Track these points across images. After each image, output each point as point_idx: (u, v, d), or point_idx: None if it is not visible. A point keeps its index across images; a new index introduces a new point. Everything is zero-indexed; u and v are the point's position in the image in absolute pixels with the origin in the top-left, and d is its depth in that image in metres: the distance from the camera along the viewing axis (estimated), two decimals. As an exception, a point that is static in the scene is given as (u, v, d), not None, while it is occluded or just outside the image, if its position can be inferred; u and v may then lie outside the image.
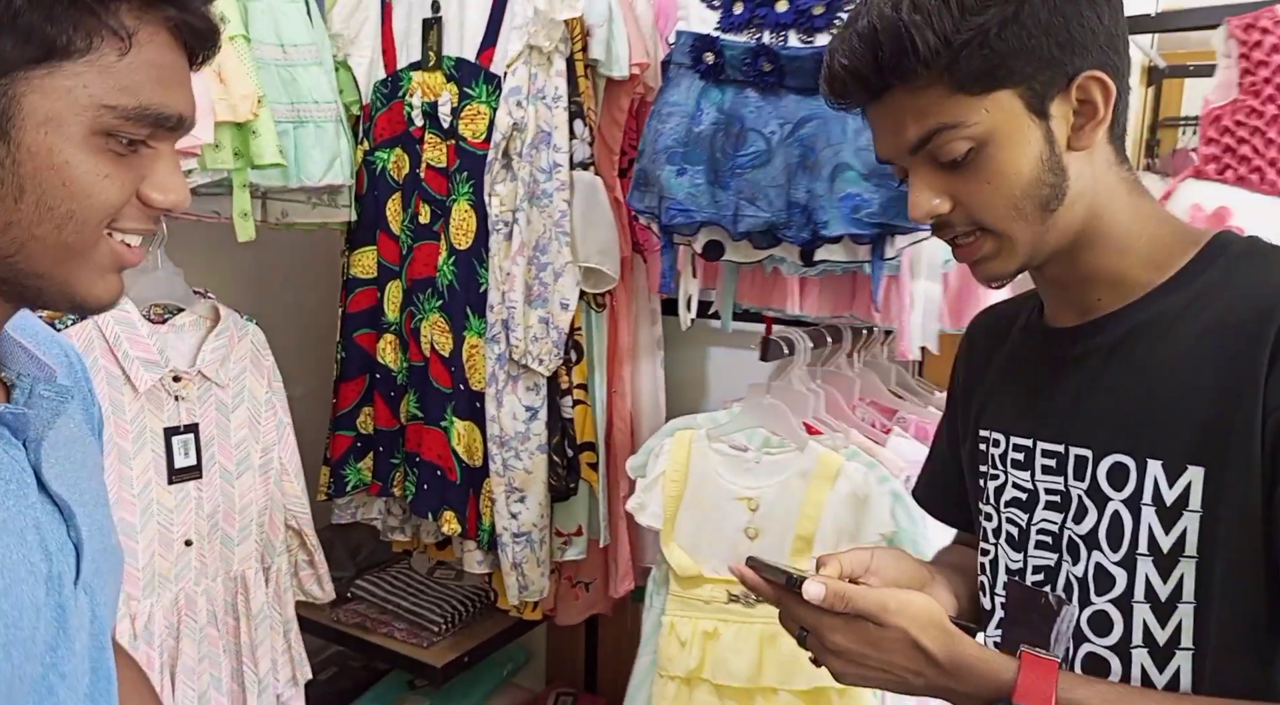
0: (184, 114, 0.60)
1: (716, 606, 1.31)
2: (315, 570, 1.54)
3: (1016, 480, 0.78)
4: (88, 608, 0.66)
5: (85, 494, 0.68)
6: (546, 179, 1.43)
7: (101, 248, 0.58)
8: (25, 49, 0.53)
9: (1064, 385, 0.75)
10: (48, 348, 0.72)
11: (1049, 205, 0.69)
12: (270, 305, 1.83)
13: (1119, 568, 0.69)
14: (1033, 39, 0.66)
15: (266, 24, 1.41)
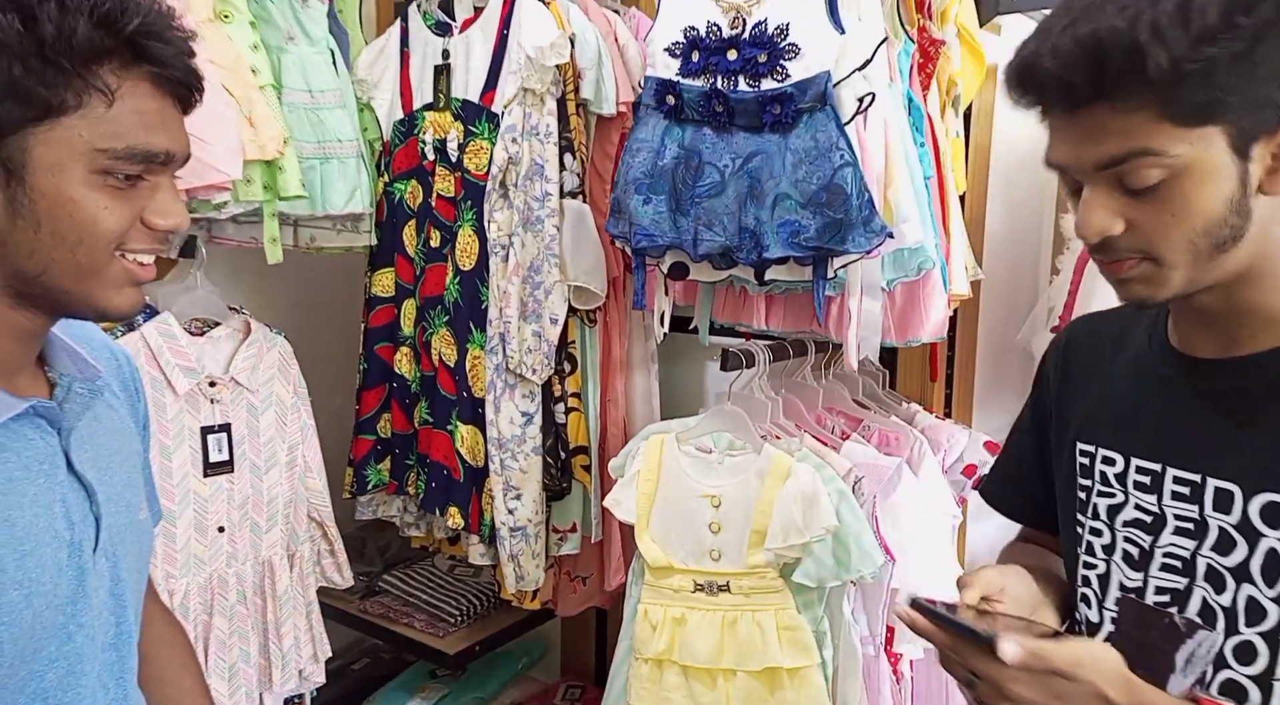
0: (170, 150, 0.70)
1: (684, 595, 1.43)
2: (335, 558, 1.71)
3: (1140, 502, 0.79)
4: (107, 571, 0.78)
5: (114, 476, 0.80)
6: (539, 206, 1.59)
7: (114, 267, 0.70)
8: (27, 110, 0.64)
9: (1204, 416, 0.75)
10: (99, 352, 0.85)
11: (1224, 246, 0.68)
12: (301, 321, 2.03)
13: (1274, 603, 0.71)
14: (1258, 79, 0.63)
15: (297, 73, 1.61)
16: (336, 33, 1.70)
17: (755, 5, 1.31)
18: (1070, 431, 0.86)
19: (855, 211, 1.21)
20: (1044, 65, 0.66)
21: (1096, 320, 0.93)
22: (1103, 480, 0.82)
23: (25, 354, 0.74)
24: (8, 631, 0.68)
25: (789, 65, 1.28)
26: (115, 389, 0.87)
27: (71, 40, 0.63)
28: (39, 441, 0.72)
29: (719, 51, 1.32)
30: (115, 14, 0.65)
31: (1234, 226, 0.68)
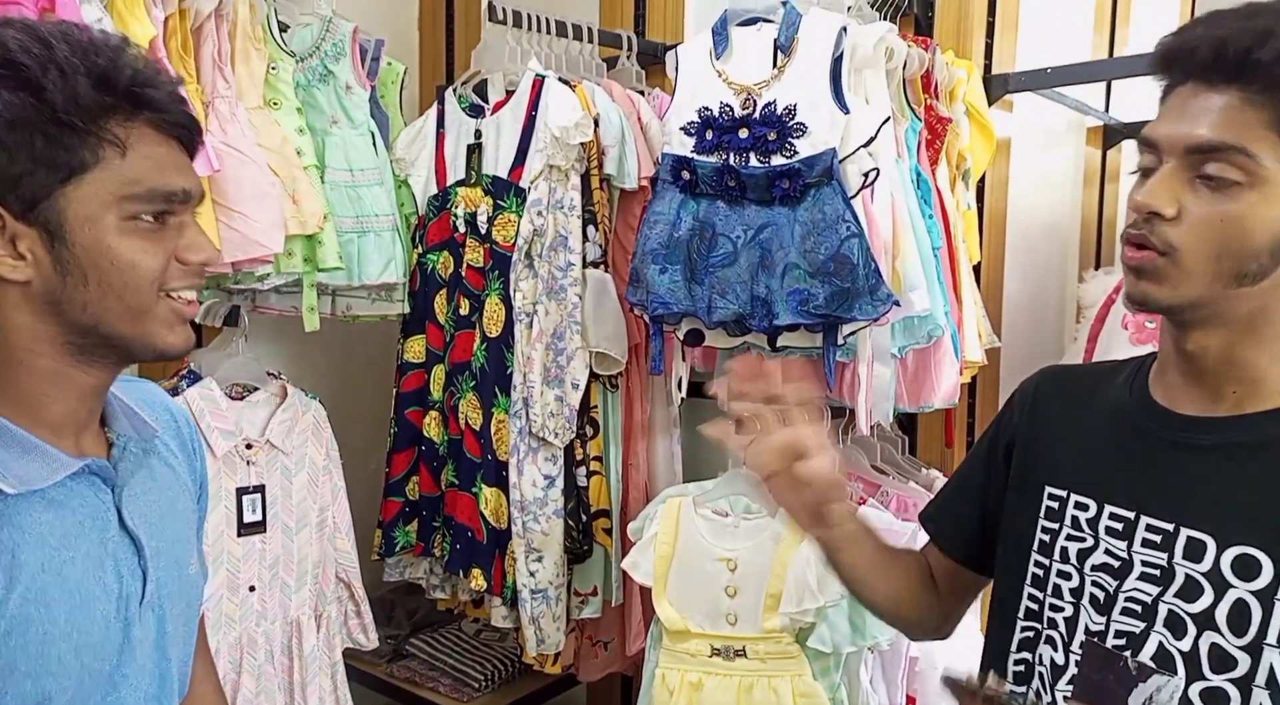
0: (186, 187, 0.75)
1: (701, 659, 1.44)
2: (362, 620, 1.74)
3: (1110, 547, 0.81)
4: (153, 623, 0.81)
5: (165, 532, 0.83)
6: (562, 276, 1.66)
7: (161, 307, 0.75)
8: (55, 175, 0.70)
9: (1183, 469, 0.78)
10: (158, 413, 0.89)
11: (1243, 280, 0.70)
12: (337, 387, 2.11)
13: (1243, 652, 0.73)
14: None
15: (339, 154, 1.72)
16: (377, 116, 1.82)
17: (765, 88, 1.39)
18: (1038, 475, 0.89)
19: (862, 280, 1.26)
20: (1208, 34, 0.70)
21: (1069, 372, 0.96)
22: (1074, 524, 0.84)
23: (88, 413, 0.78)
24: (57, 683, 0.72)
25: (797, 143, 1.34)
26: (174, 448, 0.90)
27: (78, 102, 0.69)
28: (93, 499, 0.77)
29: (731, 130, 1.39)
30: (110, 71, 0.70)
31: (1262, 265, 0.70)
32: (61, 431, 0.76)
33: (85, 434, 0.79)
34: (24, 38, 0.68)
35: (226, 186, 1.44)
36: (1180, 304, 0.73)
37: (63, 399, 0.75)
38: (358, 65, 1.75)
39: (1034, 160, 1.87)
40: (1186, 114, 0.71)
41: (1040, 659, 0.86)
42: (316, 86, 1.72)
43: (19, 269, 0.71)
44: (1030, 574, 0.87)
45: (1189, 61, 0.72)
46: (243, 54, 1.55)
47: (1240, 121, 0.68)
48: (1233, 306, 0.72)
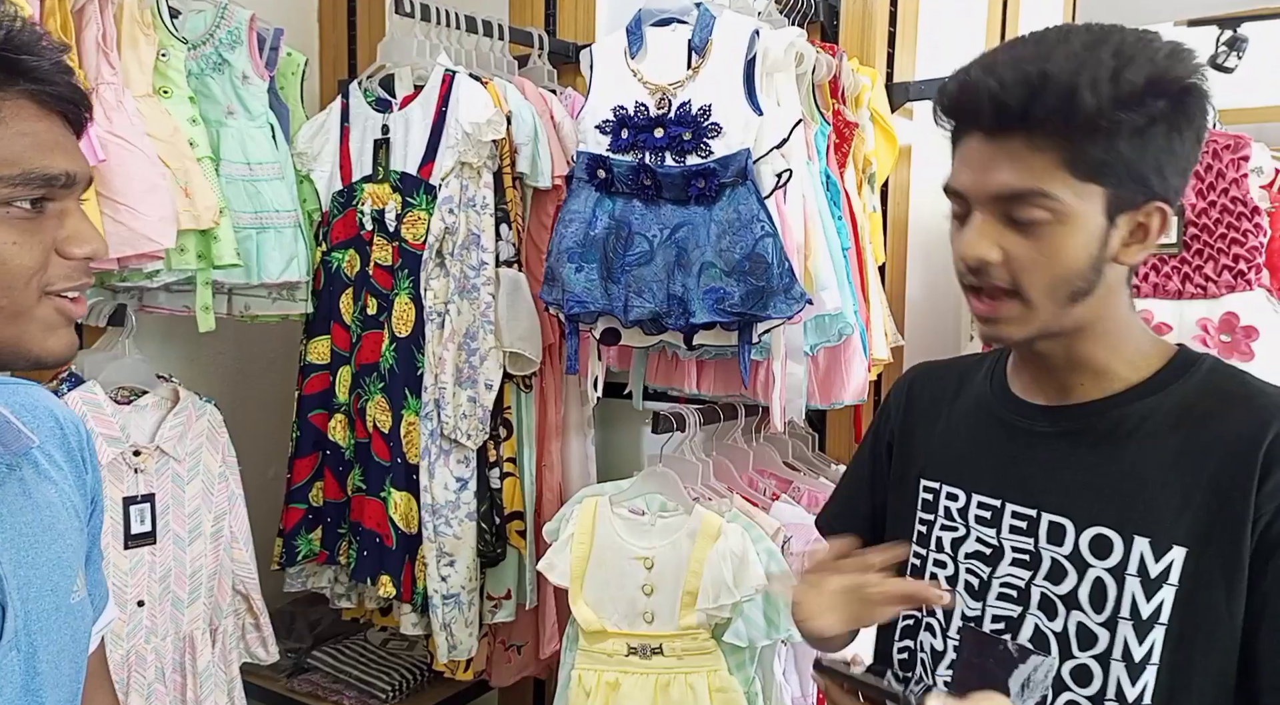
0: (69, 170, 0.65)
1: (618, 659, 1.43)
2: (261, 633, 1.66)
3: (981, 535, 0.85)
4: (18, 664, 0.69)
5: (37, 556, 0.72)
6: (475, 275, 1.62)
7: (42, 307, 0.65)
8: None
9: (1041, 456, 0.83)
10: (39, 420, 0.77)
11: (1076, 298, 0.76)
12: (234, 390, 2.01)
13: (1102, 628, 0.78)
14: (1145, 156, 0.72)
15: (235, 146, 1.64)
16: (277, 108, 1.75)
17: (680, 88, 1.40)
18: (914, 468, 0.92)
19: (776, 279, 1.28)
20: (986, 85, 0.73)
21: (938, 367, 1.01)
22: (946, 515, 0.88)
23: None
24: None
25: (712, 143, 1.36)
26: (58, 459, 0.79)
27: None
28: None
29: (646, 129, 1.39)
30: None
31: (1089, 281, 0.76)
32: None
33: None
34: None
35: (112, 178, 1.35)
36: (1033, 336, 0.78)
37: None
38: (255, 54, 1.68)
39: (934, 166, 1.95)
40: (983, 164, 0.75)
41: (921, 646, 0.89)
42: (210, 75, 1.64)
43: None
44: (909, 565, 0.90)
45: (972, 117, 0.76)
46: (130, 39, 1.47)
47: (1033, 166, 0.72)
48: (1072, 321, 0.78)
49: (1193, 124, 0.74)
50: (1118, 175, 0.73)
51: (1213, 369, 0.81)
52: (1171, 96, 0.72)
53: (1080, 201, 0.73)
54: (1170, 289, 1.39)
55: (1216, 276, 1.37)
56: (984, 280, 0.77)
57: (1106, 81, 0.70)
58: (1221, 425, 0.76)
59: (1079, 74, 0.70)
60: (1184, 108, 0.73)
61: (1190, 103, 0.73)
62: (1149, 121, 0.71)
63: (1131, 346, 0.81)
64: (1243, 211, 1.35)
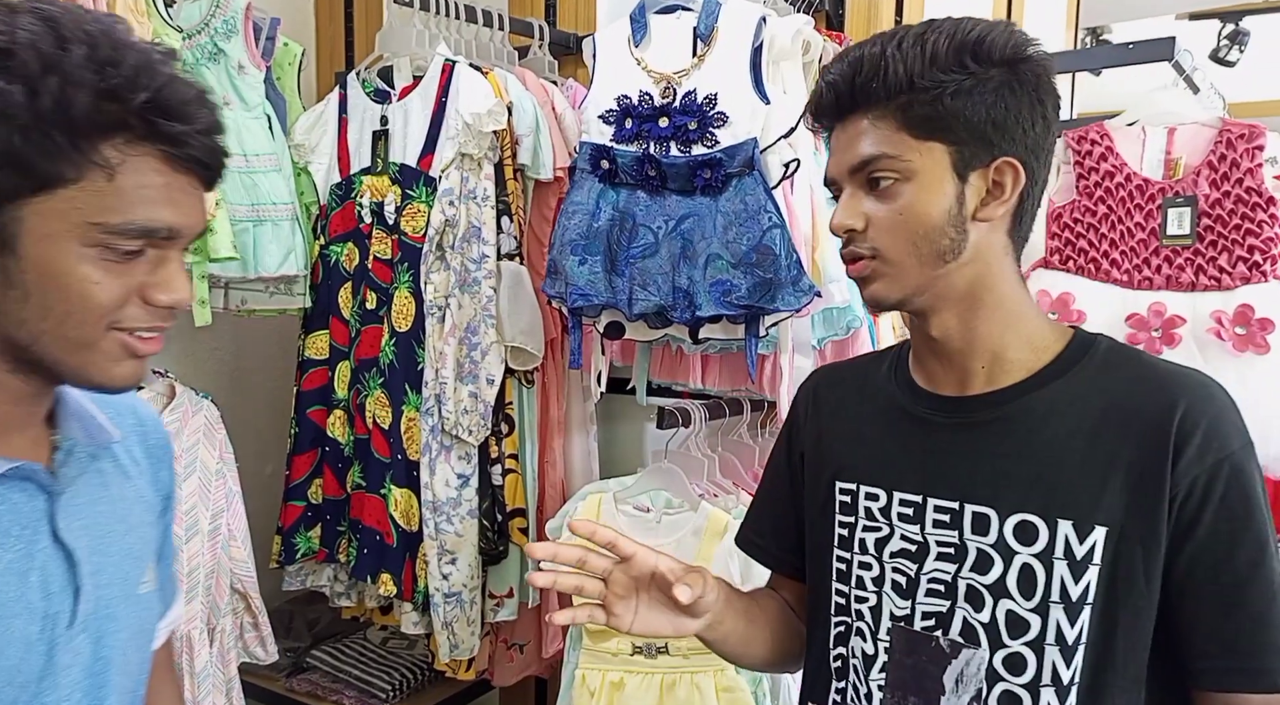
0: (174, 225, 0.67)
1: (623, 658, 1.41)
2: (259, 632, 1.64)
3: (905, 533, 0.85)
4: (86, 647, 0.73)
5: (112, 545, 0.76)
6: (476, 268, 1.60)
7: (108, 340, 0.67)
8: (24, 181, 0.63)
9: (957, 449, 0.83)
10: (121, 416, 0.81)
11: (945, 256, 0.79)
12: (232, 385, 1.98)
13: (1033, 614, 0.78)
14: (975, 113, 0.77)
15: (231, 137, 1.58)
16: (274, 99, 1.72)
17: (685, 76, 1.37)
18: (828, 472, 0.92)
19: (784, 271, 1.25)
20: (827, 82, 0.82)
21: (839, 368, 1.03)
22: (868, 515, 0.88)
23: (24, 415, 0.71)
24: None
25: (718, 132, 1.33)
26: (137, 455, 0.83)
27: (69, 112, 0.62)
28: (23, 505, 0.70)
29: (651, 118, 1.37)
30: (124, 88, 0.63)
31: (952, 239, 0.79)
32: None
33: (19, 436, 0.71)
34: (41, 30, 0.62)
35: (106, 168, 1.32)
36: (906, 294, 0.82)
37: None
38: (251, 44, 1.65)
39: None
40: (840, 147, 0.82)
41: (853, 651, 0.88)
42: (206, 65, 1.61)
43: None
44: (835, 570, 0.90)
45: (822, 112, 0.83)
46: (123, 26, 1.43)
47: (876, 136, 0.79)
48: (951, 284, 0.81)
49: (1026, 86, 0.78)
50: (956, 132, 0.77)
51: (1111, 349, 0.83)
52: (995, 62, 0.77)
53: (924, 158, 0.78)
54: (1184, 281, 1.37)
55: (1231, 268, 1.34)
56: (855, 249, 0.82)
57: (912, 47, 0.78)
58: (1132, 405, 0.78)
59: (887, 47, 0.78)
60: (1015, 71, 0.78)
61: (1026, 67, 0.79)
62: (975, 82, 0.76)
63: (1027, 326, 0.83)
64: (1258, 202, 1.33)
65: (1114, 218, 1.40)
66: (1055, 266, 1.43)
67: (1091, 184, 1.41)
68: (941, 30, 0.78)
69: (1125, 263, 1.40)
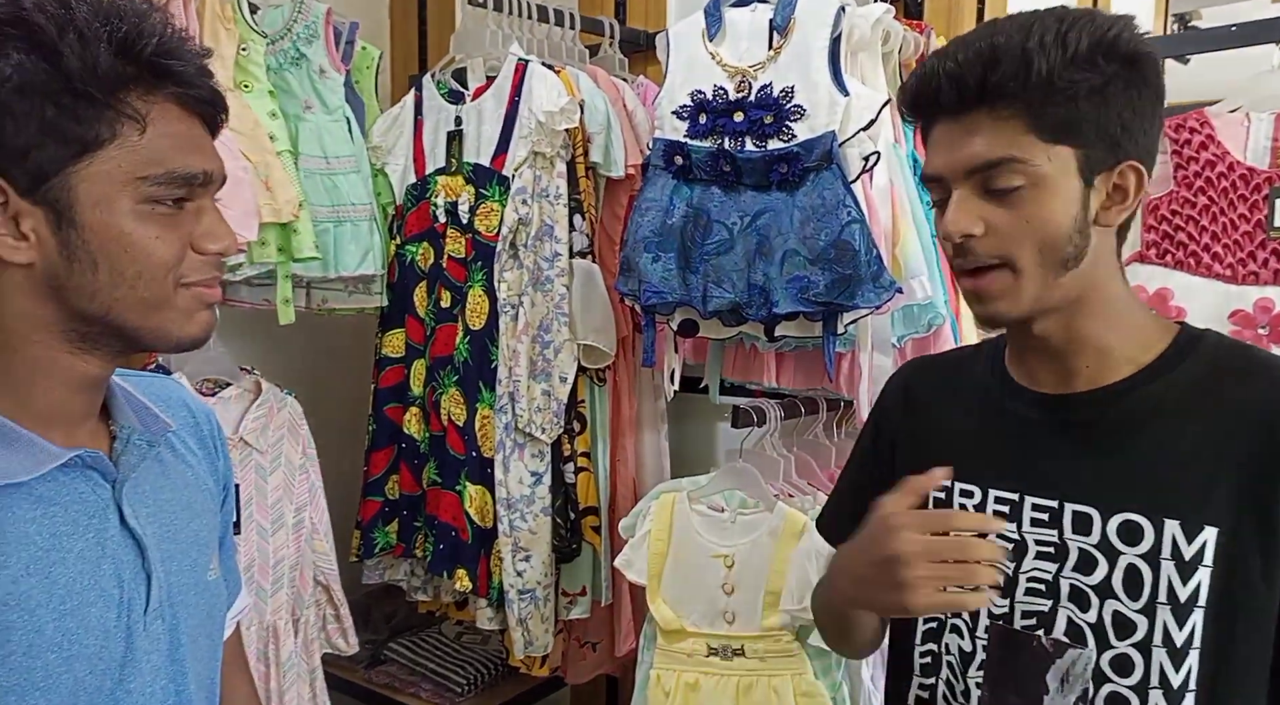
0: (208, 170, 0.69)
1: (698, 659, 1.39)
2: (341, 624, 1.68)
3: (1002, 531, 0.83)
4: (164, 633, 0.73)
5: (178, 532, 0.77)
6: (549, 266, 1.60)
7: (180, 296, 0.69)
8: (66, 149, 0.63)
9: (1056, 446, 0.82)
10: (174, 409, 0.82)
11: (1067, 264, 0.76)
12: (312, 382, 2.03)
13: (1139, 615, 0.77)
14: (1108, 115, 0.74)
15: (313, 140, 1.65)
16: (352, 102, 1.75)
17: (760, 70, 1.35)
18: (921, 468, 0.88)
19: (864, 267, 1.22)
20: (945, 69, 0.76)
21: (933, 361, 1.01)
22: None
23: (84, 404, 0.72)
24: (45, 698, 0.65)
25: (794, 126, 1.30)
26: (192, 445, 0.84)
27: (96, 70, 0.62)
28: (89, 494, 0.70)
29: (725, 113, 1.35)
30: (133, 38, 0.64)
31: (1076, 245, 0.76)
32: (51, 423, 0.69)
33: (80, 427, 0.72)
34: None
35: (197, 172, 1.37)
36: (1027, 310, 0.78)
37: (54, 388, 0.69)
38: (332, 49, 1.69)
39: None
40: (953, 143, 0.76)
41: (947, 648, 0.87)
42: (289, 70, 1.65)
43: (20, 250, 0.65)
44: None
45: (935, 103, 0.78)
46: (211, 33, 1.48)
47: (1001, 135, 0.74)
48: (1065, 292, 0.77)
49: (1149, 85, 0.76)
50: (1085, 135, 0.74)
51: (1218, 344, 0.80)
52: (1122, 59, 0.74)
53: (1053, 164, 0.74)
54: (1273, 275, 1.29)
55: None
56: (971, 258, 0.77)
57: (1054, 44, 0.73)
58: (1241, 401, 0.76)
59: (1027, 40, 0.73)
60: (1137, 67, 0.75)
61: (1143, 64, 0.75)
62: (1105, 81, 0.73)
63: (1131, 323, 0.81)
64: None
65: (1216, 209, 1.33)
66: (1152, 261, 1.37)
67: (1191, 174, 1.34)
68: (1078, 25, 0.74)
69: (1229, 256, 1.33)
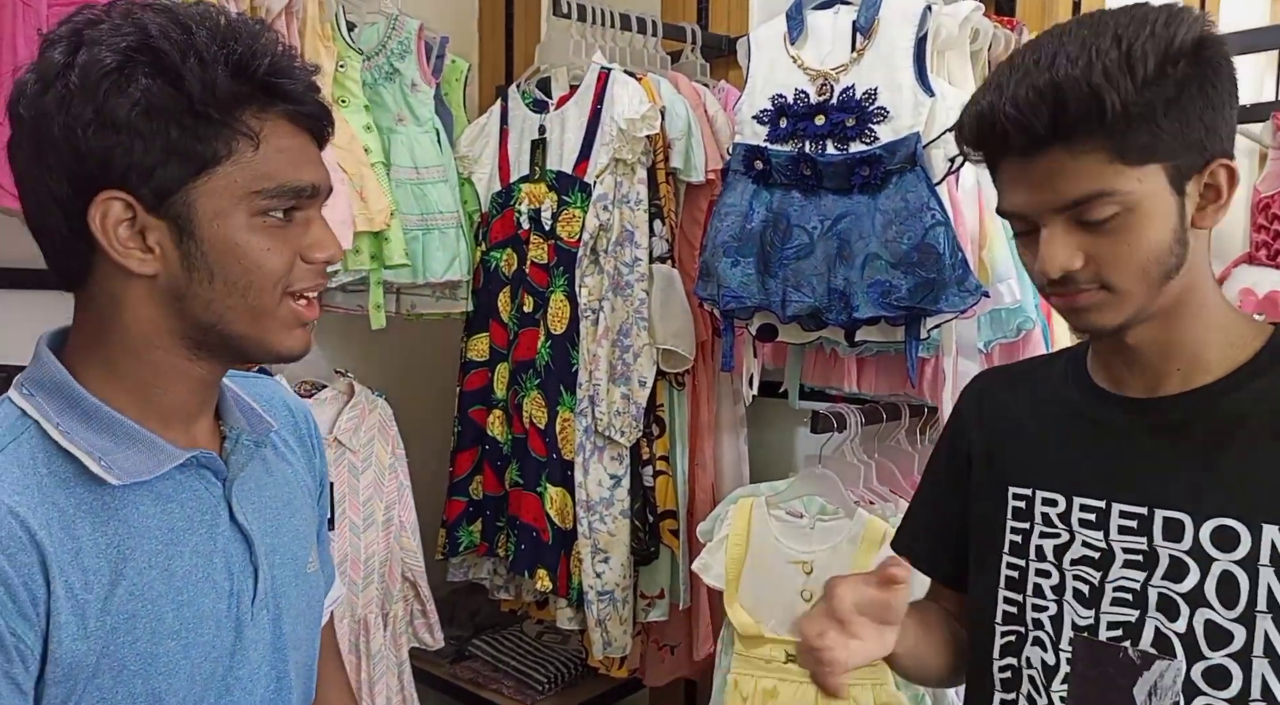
0: (316, 183, 0.72)
1: (776, 665, 1.38)
2: (428, 620, 1.73)
3: (1087, 539, 0.81)
4: (268, 624, 0.77)
5: (281, 527, 0.80)
6: (629, 272, 1.62)
7: (283, 307, 0.72)
8: (187, 167, 0.67)
9: (1144, 452, 0.80)
10: (275, 409, 0.87)
11: (1170, 274, 0.74)
12: (402, 385, 2.10)
13: (1236, 624, 0.74)
14: (1188, 121, 0.71)
15: (404, 151, 1.72)
16: (442, 113, 1.81)
17: (843, 72, 1.34)
18: (1000, 477, 0.89)
19: (948, 270, 1.20)
20: (1006, 113, 0.71)
21: (1007, 371, 0.99)
22: (1045, 521, 0.85)
23: (200, 405, 0.76)
24: (167, 682, 0.70)
25: (877, 128, 1.29)
26: (292, 444, 0.88)
27: (215, 92, 0.66)
28: (202, 491, 0.75)
29: (807, 117, 1.34)
30: (247, 59, 0.67)
31: (1178, 255, 0.74)
32: (171, 423, 0.74)
33: (196, 426, 0.77)
34: (164, 22, 0.66)
35: (296, 184, 1.44)
36: (1129, 318, 0.76)
37: (174, 391, 0.74)
38: (423, 63, 1.75)
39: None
40: (1034, 183, 0.73)
41: (1028, 662, 0.85)
42: (383, 84, 1.72)
43: (147, 263, 0.69)
44: (1004, 577, 0.87)
45: (1003, 144, 0.74)
46: (312, 51, 1.56)
47: (1086, 171, 0.71)
48: (1166, 297, 0.75)
49: (1220, 73, 0.72)
50: (1171, 148, 0.71)
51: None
52: (1190, 59, 0.70)
53: (1144, 185, 0.71)
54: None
55: None
56: (1071, 287, 0.75)
57: (1120, 73, 0.69)
58: None
59: (1090, 74, 0.69)
60: (1205, 60, 0.71)
61: (1209, 54, 0.71)
62: (1179, 89, 0.70)
63: (1223, 323, 0.78)
64: None
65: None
66: (1262, 262, 1.30)
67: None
68: (1138, 38, 0.70)
69: (1348, 257, 1.25)
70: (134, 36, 0.66)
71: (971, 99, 0.76)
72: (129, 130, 0.65)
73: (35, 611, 0.65)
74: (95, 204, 0.67)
